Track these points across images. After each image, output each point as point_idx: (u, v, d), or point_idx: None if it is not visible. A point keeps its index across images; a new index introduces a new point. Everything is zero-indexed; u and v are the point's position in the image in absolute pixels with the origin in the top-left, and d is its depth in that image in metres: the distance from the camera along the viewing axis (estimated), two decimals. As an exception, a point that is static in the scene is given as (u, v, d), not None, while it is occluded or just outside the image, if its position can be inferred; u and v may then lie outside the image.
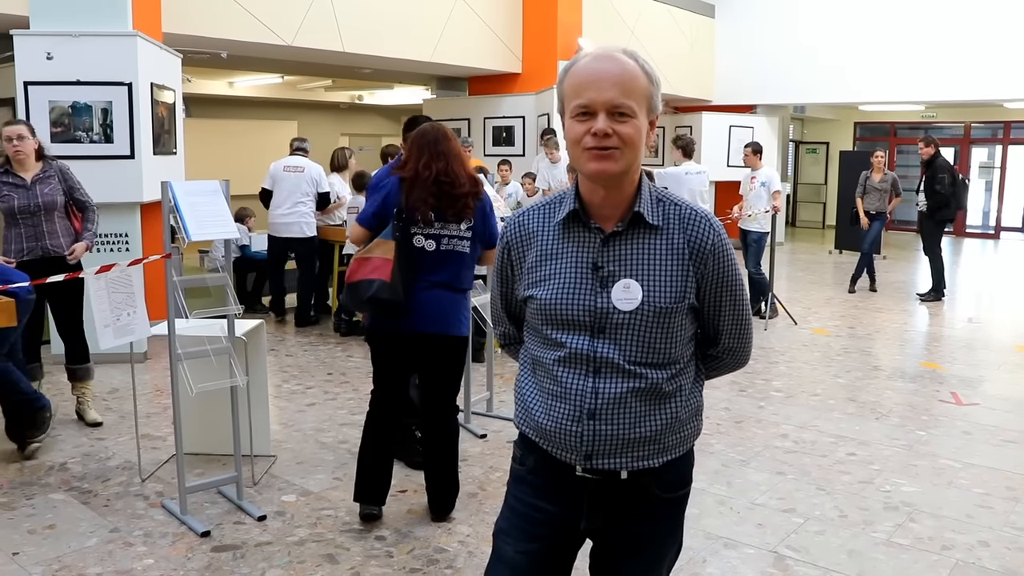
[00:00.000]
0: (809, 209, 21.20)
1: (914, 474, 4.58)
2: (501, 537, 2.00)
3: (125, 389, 5.93)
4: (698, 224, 1.82)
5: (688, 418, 1.90)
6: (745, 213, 8.90)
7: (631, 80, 1.74)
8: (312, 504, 4.09)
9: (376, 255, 3.58)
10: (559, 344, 1.83)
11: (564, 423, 1.82)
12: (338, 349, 7.43)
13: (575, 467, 1.85)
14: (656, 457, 1.85)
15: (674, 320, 1.81)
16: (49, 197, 5.08)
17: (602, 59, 1.75)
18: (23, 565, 3.45)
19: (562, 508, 1.91)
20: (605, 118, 1.71)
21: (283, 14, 8.86)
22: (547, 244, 1.87)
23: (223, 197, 3.83)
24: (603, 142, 1.72)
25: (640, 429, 1.81)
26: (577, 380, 1.81)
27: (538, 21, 11.47)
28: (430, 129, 3.75)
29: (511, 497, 2.00)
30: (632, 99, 1.73)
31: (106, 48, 6.48)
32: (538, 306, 1.85)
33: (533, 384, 1.92)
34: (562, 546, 1.96)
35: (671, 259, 1.80)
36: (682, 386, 1.87)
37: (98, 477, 4.40)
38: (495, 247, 2.81)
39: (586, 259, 1.82)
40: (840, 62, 14.12)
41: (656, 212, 1.82)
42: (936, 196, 9.96)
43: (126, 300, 3.90)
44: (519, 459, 1.99)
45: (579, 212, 1.83)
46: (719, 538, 3.77)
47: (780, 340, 7.92)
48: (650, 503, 1.90)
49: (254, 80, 15.31)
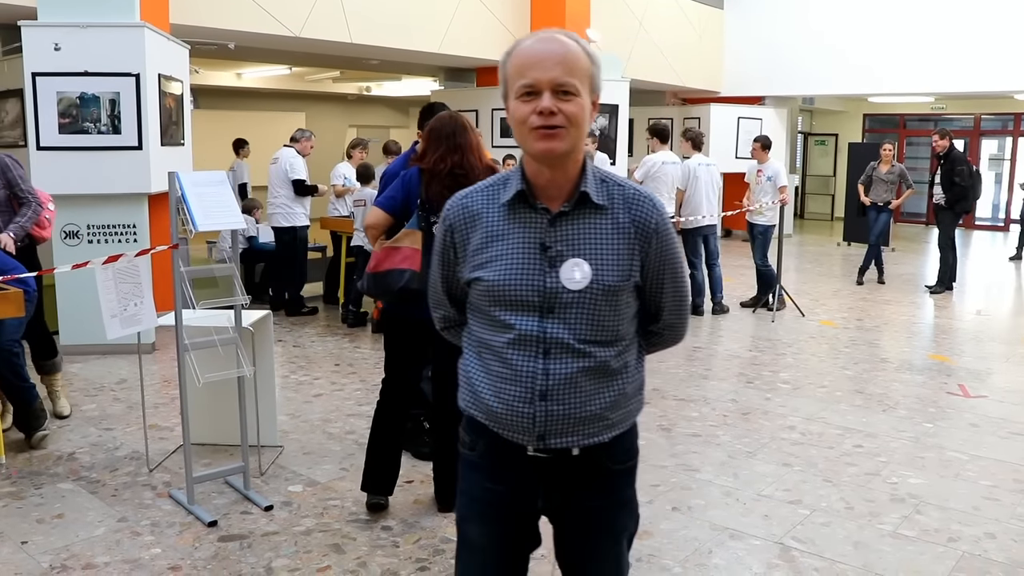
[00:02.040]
0: (818, 201, 21.13)
1: (921, 466, 4.57)
2: (463, 524, 2.04)
3: (133, 380, 5.95)
4: (642, 204, 1.86)
5: (633, 393, 1.95)
6: (751, 205, 8.88)
7: (574, 59, 1.76)
8: (319, 494, 4.10)
9: (405, 244, 3.57)
10: (508, 326, 1.84)
11: (515, 405, 1.84)
12: (345, 340, 7.44)
13: (527, 447, 1.87)
14: (606, 432, 1.88)
15: (621, 298, 1.84)
16: None
17: (544, 40, 1.78)
18: (32, 554, 3.47)
19: (517, 488, 1.94)
20: (550, 96, 1.74)
21: (291, 5, 8.86)
22: (493, 225, 1.87)
23: (229, 187, 3.84)
24: (549, 120, 1.74)
25: (591, 407, 1.84)
26: (527, 362, 1.82)
27: (546, 12, 11.43)
28: (447, 120, 3.73)
29: (466, 483, 2.02)
30: (575, 77, 1.76)
31: (114, 39, 6.48)
32: (486, 287, 1.85)
33: (480, 367, 1.91)
34: (522, 525, 2.00)
35: (617, 238, 1.83)
36: (628, 363, 1.91)
37: (106, 467, 4.42)
38: None
39: (534, 239, 1.83)
40: (849, 53, 14.05)
41: (601, 192, 1.85)
42: (955, 188, 9.93)
43: (133, 290, 3.91)
44: (468, 445, 1.99)
45: (525, 193, 1.84)
46: (725, 529, 3.77)
47: (787, 332, 7.90)
48: (601, 476, 1.93)
49: (262, 71, 15.32)
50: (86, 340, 6.54)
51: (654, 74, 13.42)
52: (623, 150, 11.34)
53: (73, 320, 6.62)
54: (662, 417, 5.34)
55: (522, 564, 2.04)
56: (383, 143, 9.32)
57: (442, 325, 2.12)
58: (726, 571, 3.42)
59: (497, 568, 2.01)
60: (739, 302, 9.15)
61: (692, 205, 8.53)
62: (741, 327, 8.15)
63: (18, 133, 7.41)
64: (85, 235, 6.68)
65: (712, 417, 5.37)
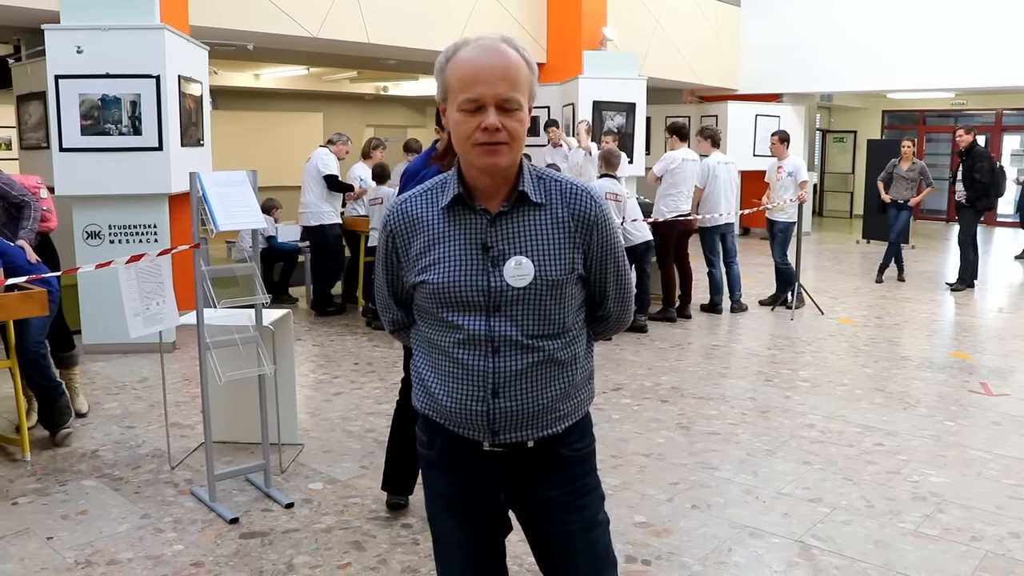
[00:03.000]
0: (836, 198, 21.01)
1: (942, 464, 4.54)
2: (435, 521, 2.07)
3: (154, 378, 6.00)
4: (580, 197, 1.89)
5: (583, 382, 1.97)
6: (772, 203, 8.84)
7: (516, 72, 1.78)
8: (339, 492, 4.13)
9: None
10: (456, 327, 1.86)
11: (468, 403, 1.86)
12: (364, 339, 7.47)
13: (483, 443, 1.90)
14: (558, 423, 1.91)
15: (565, 291, 1.87)
16: None
17: (487, 51, 1.79)
18: (57, 549, 3.52)
19: (478, 483, 1.96)
20: (495, 112, 1.76)
21: (308, 6, 8.90)
22: (433, 229, 1.88)
23: (250, 187, 3.86)
24: (493, 137, 1.76)
25: (542, 400, 1.87)
26: (477, 360, 1.85)
27: (563, 11, 11.43)
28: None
29: (429, 482, 2.05)
30: (519, 92, 1.78)
31: (135, 41, 6.53)
32: (431, 290, 1.86)
33: (430, 367, 1.94)
34: (490, 518, 2.02)
35: (557, 233, 1.86)
36: (576, 353, 1.94)
37: (129, 464, 4.47)
38: None
39: (475, 240, 1.85)
40: (868, 49, 13.94)
41: (538, 189, 1.87)
42: (976, 185, 9.85)
43: (155, 290, 3.94)
44: (426, 444, 2.02)
45: (463, 196, 1.86)
46: (744, 527, 3.77)
47: (807, 330, 7.87)
48: (559, 463, 1.95)
49: (280, 72, 15.38)
50: (108, 339, 6.61)
51: (671, 72, 13.37)
52: (640, 148, 11.32)
53: (95, 319, 6.69)
54: (681, 415, 5.34)
55: (498, 551, 2.08)
56: (403, 141, 9.37)
57: (391, 328, 2.14)
58: (746, 569, 3.42)
59: (474, 560, 2.05)
60: (758, 300, 9.12)
61: (711, 203, 8.50)
62: (760, 325, 8.12)
63: (41, 135, 7.49)
64: (107, 235, 6.74)
65: (731, 415, 5.36)
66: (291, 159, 15.87)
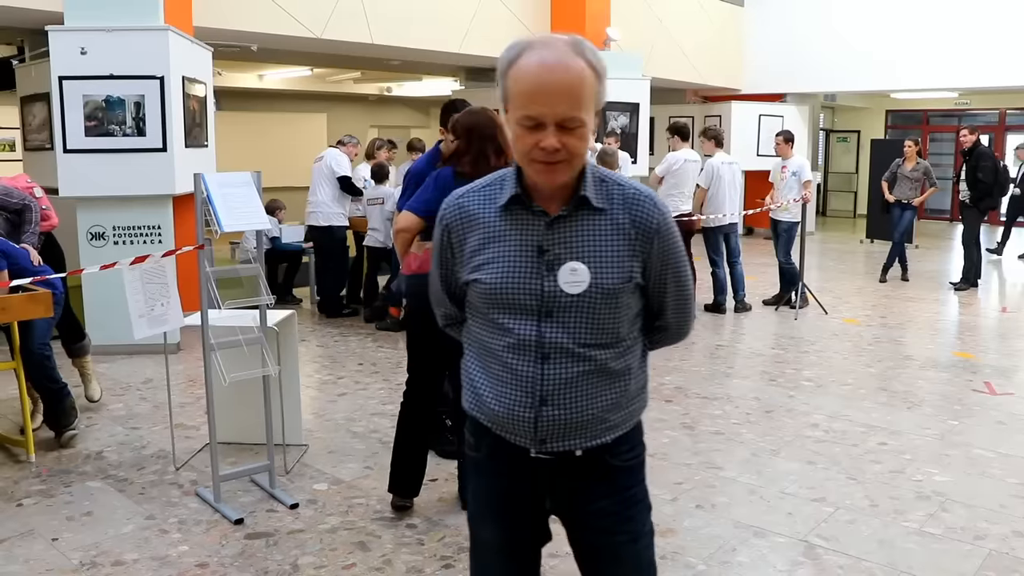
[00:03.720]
0: (840, 198, 20.99)
1: (946, 464, 4.54)
2: (475, 523, 2.04)
3: (159, 379, 6.01)
4: (642, 204, 1.82)
5: (636, 393, 1.91)
6: (776, 203, 8.84)
7: (580, 88, 1.69)
8: (343, 492, 4.13)
9: None
10: (506, 330, 1.82)
11: (516, 409, 1.82)
12: (368, 340, 7.48)
13: (529, 450, 1.86)
14: (607, 434, 1.86)
15: (621, 300, 1.80)
16: None
17: (550, 64, 1.68)
18: (62, 551, 3.52)
19: (523, 488, 1.92)
20: (555, 132, 1.69)
21: (312, 6, 8.91)
22: (490, 227, 1.84)
23: (255, 188, 3.87)
24: (552, 156, 1.70)
25: (591, 410, 1.82)
26: (526, 366, 1.80)
27: (566, 11, 11.42)
28: (486, 121, 3.61)
29: (474, 484, 2.03)
30: (581, 109, 1.70)
31: (138, 42, 6.55)
32: (483, 290, 1.83)
33: (481, 368, 1.90)
34: (532, 524, 1.99)
35: (617, 240, 1.79)
36: (630, 364, 1.88)
37: (133, 465, 4.47)
38: None
39: (531, 242, 1.80)
40: (871, 49, 13.93)
41: (600, 194, 1.81)
42: (979, 185, 9.84)
43: (160, 291, 3.95)
44: (473, 446, 1.99)
45: (522, 196, 1.81)
46: (749, 527, 3.77)
47: (810, 330, 7.87)
48: (608, 474, 1.90)
49: (283, 73, 15.40)
50: (112, 340, 6.61)
51: (675, 72, 13.37)
52: (644, 149, 11.31)
53: (99, 320, 6.69)
54: (685, 415, 5.34)
55: (535, 561, 2.05)
56: (407, 141, 9.37)
57: (444, 323, 2.11)
58: (750, 569, 3.42)
59: (510, 565, 2.01)
60: (762, 300, 9.12)
61: (715, 204, 8.50)
62: (764, 325, 8.12)
63: (45, 136, 7.50)
64: (111, 236, 6.75)
65: (735, 415, 5.36)
66: (295, 160, 15.90)
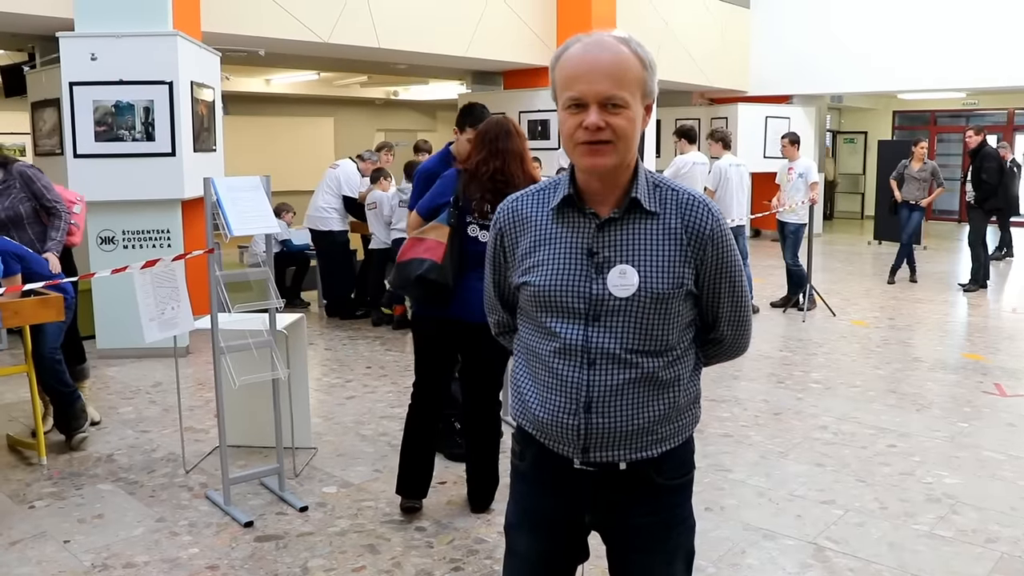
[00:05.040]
0: (847, 200, 20.95)
1: (956, 466, 4.53)
2: (511, 533, 2.01)
3: (168, 383, 6.03)
4: (696, 209, 1.79)
5: (686, 406, 1.87)
6: (781, 206, 8.83)
7: (624, 69, 1.70)
8: (353, 495, 4.14)
9: (430, 237, 3.60)
10: (554, 334, 1.80)
11: (560, 416, 1.79)
12: (377, 343, 7.49)
13: (573, 460, 1.82)
14: (654, 447, 1.82)
15: (671, 306, 1.77)
16: (10, 211, 4.94)
17: (593, 47, 1.71)
18: (74, 553, 3.54)
19: (564, 502, 1.89)
20: (597, 111, 1.68)
21: (319, 11, 8.94)
22: (541, 229, 1.84)
23: (264, 192, 3.88)
24: (596, 135, 1.69)
25: (637, 420, 1.78)
26: (572, 371, 1.78)
27: (572, 14, 11.43)
28: (494, 125, 3.74)
29: (515, 493, 2.00)
30: (625, 89, 1.69)
31: (148, 48, 6.58)
32: (532, 292, 1.81)
33: (528, 375, 1.88)
34: (570, 539, 1.95)
35: (668, 244, 1.77)
36: (680, 374, 1.84)
37: (144, 468, 4.49)
38: None
39: (581, 245, 1.79)
40: (878, 50, 13.91)
41: (653, 197, 1.79)
42: (984, 186, 9.82)
43: (170, 295, 3.97)
44: (518, 455, 1.97)
45: (573, 198, 1.80)
46: (758, 529, 3.77)
47: (818, 332, 7.85)
48: (652, 492, 1.86)
49: (291, 77, 15.44)
50: (121, 344, 6.65)
51: (681, 75, 13.37)
52: (651, 152, 11.31)
53: (109, 324, 6.73)
54: (693, 418, 5.32)
55: (569, 574, 1.99)
56: (413, 143, 9.40)
57: (496, 331, 2.11)
58: (760, 571, 3.42)
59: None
60: (769, 302, 9.11)
61: (723, 206, 8.48)
62: (771, 327, 8.11)
63: (55, 141, 7.54)
64: (120, 240, 6.79)
65: (744, 417, 5.36)
66: (302, 163, 15.96)
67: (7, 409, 5.49)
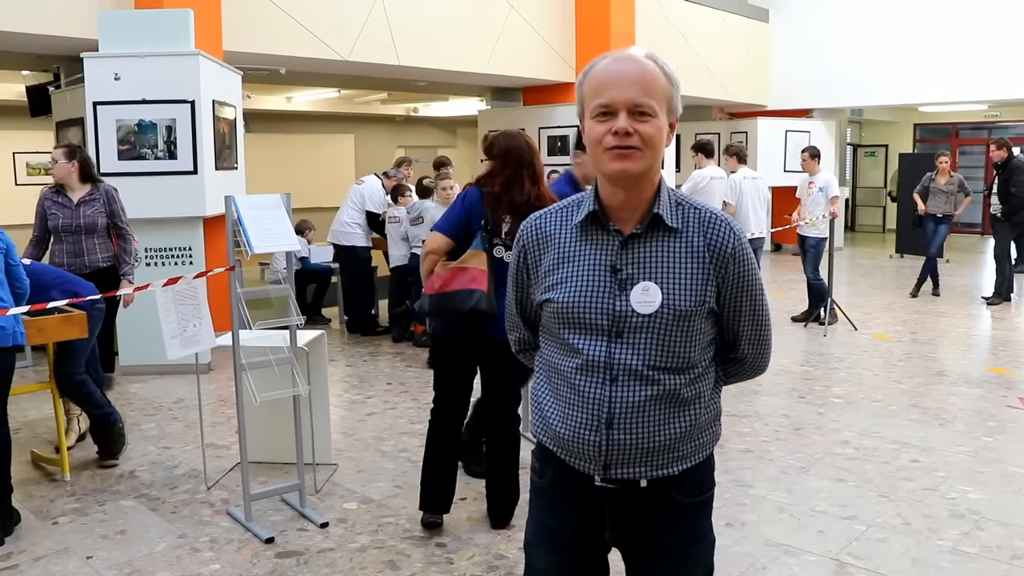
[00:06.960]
0: (869, 213, 20.83)
1: (981, 481, 4.48)
2: (530, 550, 2.01)
3: (190, 399, 6.07)
4: (718, 227, 1.81)
5: (707, 424, 1.87)
6: (804, 219, 8.80)
7: (651, 80, 1.74)
8: (373, 512, 4.15)
9: (472, 265, 3.57)
10: (576, 351, 1.80)
11: (581, 432, 1.80)
12: (397, 359, 7.51)
13: (594, 477, 1.83)
14: (675, 464, 1.82)
15: (694, 323, 1.78)
16: (90, 219, 5.58)
17: (622, 60, 1.76)
18: (96, 568, 3.57)
19: (585, 519, 1.89)
20: (626, 117, 1.72)
21: (340, 30, 9.02)
22: (565, 246, 1.85)
23: (284, 210, 3.92)
24: (624, 141, 1.72)
25: (659, 437, 1.79)
26: (594, 387, 1.78)
27: (591, 30, 11.48)
28: (515, 146, 3.74)
29: (535, 509, 2.00)
30: (653, 98, 1.73)
31: (170, 67, 6.67)
32: (555, 308, 1.82)
33: (549, 392, 1.89)
34: (590, 556, 1.95)
35: (691, 262, 1.78)
36: (701, 392, 1.84)
37: (165, 484, 4.52)
38: None
39: (604, 261, 1.80)
40: (898, 62, 13.85)
41: (675, 214, 1.80)
42: (1012, 199, 9.74)
43: (192, 312, 4.01)
44: (538, 471, 1.97)
45: (598, 214, 1.82)
46: (779, 545, 3.74)
47: (840, 346, 7.80)
48: (672, 509, 1.87)
49: (311, 95, 15.56)
50: (144, 360, 6.70)
51: (701, 89, 13.37)
52: (671, 166, 11.30)
53: (132, 341, 6.79)
54: (714, 433, 5.30)
55: None
56: (433, 160, 9.45)
57: (517, 348, 2.12)
58: (781, 588, 3.39)
59: None
60: (790, 316, 9.06)
61: (740, 219, 8.47)
62: (792, 342, 8.06)
63: (79, 160, 7.63)
64: (143, 258, 6.85)
65: (764, 432, 5.33)
66: (323, 180, 16.06)
67: (31, 426, 5.55)
